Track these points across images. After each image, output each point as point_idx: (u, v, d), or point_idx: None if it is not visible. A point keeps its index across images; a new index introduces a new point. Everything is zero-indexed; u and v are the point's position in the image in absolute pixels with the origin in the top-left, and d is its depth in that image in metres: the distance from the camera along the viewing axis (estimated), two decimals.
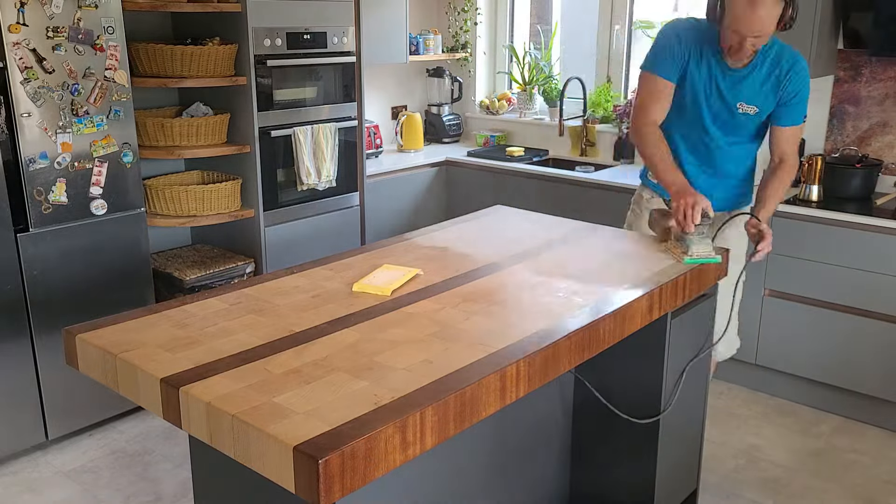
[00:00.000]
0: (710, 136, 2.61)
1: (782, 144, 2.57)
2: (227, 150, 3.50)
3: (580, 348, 1.81)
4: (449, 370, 1.57)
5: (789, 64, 2.46)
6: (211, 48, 3.34)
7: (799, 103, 2.50)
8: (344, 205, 3.97)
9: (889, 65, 3.47)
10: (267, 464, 1.35)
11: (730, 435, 3.25)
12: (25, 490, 2.87)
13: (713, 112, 2.56)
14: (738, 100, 2.52)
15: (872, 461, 3.06)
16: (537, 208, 3.01)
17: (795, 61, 2.48)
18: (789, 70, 2.46)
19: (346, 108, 3.88)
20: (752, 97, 2.51)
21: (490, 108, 4.97)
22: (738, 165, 2.68)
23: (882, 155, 3.54)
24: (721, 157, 2.64)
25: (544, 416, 2.42)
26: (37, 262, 2.92)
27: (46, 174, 2.88)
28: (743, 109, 2.53)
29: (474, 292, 2.02)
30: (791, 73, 2.46)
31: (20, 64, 2.74)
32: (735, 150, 2.64)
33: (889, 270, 3.10)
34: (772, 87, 2.49)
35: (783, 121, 2.53)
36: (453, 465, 2.08)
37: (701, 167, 2.66)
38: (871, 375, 3.23)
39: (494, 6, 5.02)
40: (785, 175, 2.57)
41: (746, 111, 2.53)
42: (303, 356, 1.63)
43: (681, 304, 2.23)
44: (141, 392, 1.61)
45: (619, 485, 2.47)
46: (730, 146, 2.63)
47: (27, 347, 2.97)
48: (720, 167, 2.66)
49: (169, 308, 1.91)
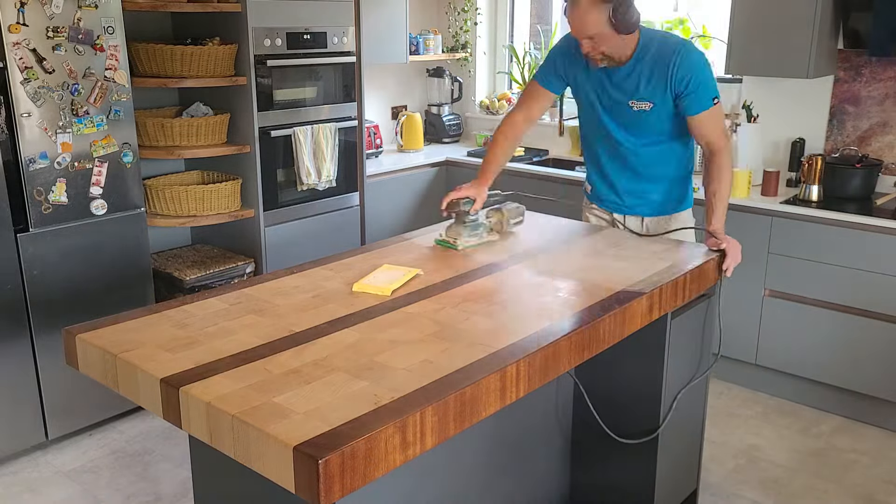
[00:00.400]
0: (619, 141, 2.61)
1: (701, 131, 2.49)
2: (227, 150, 3.50)
3: (580, 348, 1.81)
4: (449, 370, 1.57)
5: (671, 54, 2.42)
6: (211, 48, 3.34)
7: (696, 90, 2.43)
8: (344, 205, 3.97)
9: (889, 65, 3.47)
10: (267, 464, 1.35)
11: (730, 435, 3.25)
12: (25, 490, 2.87)
13: (611, 115, 2.58)
14: (628, 97, 2.52)
15: (872, 461, 3.06)
16: (537, 208, 3.01)
17: (676, 50, 2.43)
18: (672, 60, 2.42)
19: (346, 108, 3.88)
20: (642, 93, 2.49)
21: (490, 108, 4.97)
22: (665, 166, 2.63)
23: (882, 155, 3.54)
24: (638, 160, 2.62)
25: (544, 416, 2.42)
26: (37, 262, 2.92)
27: (46, 174, 2.88)
28: (637, 106, 2.51)
29: (474, 292, 2.02)
30: (675, 62, 2.42)
31: (20, 64, 2.74)
32: (652, 151, 2.61)
33: (889, 270, 3.10)
34: (659, 80, 2.45)
35: (690, 110, 2.47)
36: (453, 465, 2.08)
37: (623, 172, 2.67)
38: (871, 375, 3.23)
39: (494, 6, 5.02)
40: (720, 163, 2.46)
41: (641, 107, 2.51)
42: (303, 356, 1.63)
43: (681, 304, 2.23)
44: (141, 392, 1.61)
45: (619, 485, 2.47)
46: (644, 147, 2.60)
47: (27, 347, 2.97)
48: (643, 171, 2.64)
49: (169, 308, 1.90)
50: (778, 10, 3.39)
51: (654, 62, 2.45)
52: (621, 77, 2.50)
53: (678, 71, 2.42)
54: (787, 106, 3.75)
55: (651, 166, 2.63)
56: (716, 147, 2.48)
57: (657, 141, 2.58)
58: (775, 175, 3.45)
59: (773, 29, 3.42)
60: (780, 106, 3.76)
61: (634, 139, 2.59)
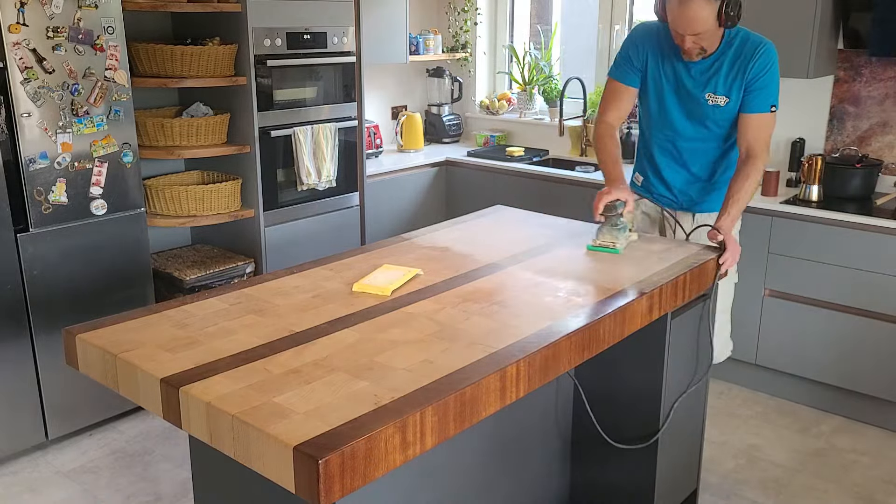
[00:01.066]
0: (681, 134, 2.62)
1: (747, 134, 2.50)
2: (227, 150, 3.50)
3: (580, 348, 1.81)
4: (449, 370, 1.57)
5: (753, 49, 2.45)
6: (211, 48, 3.34)
7: (763, 88, 2.46)
8: (344, 205, 3.97)
9: (889, 65, 3.47)
10: (267, 464, 1.35)
11: (730, 435, 3.25)
12: (25, 490, 2.87)
13: (684, 107, 2.58)
14: (705, 91, 2.52)
15: (872, 461, 3.06)
16: (537, 208, 3.01)
17: (759, 46, 2.46)
18: (753, 55, 2.45)
19: (346, 108, 3.88)
20: (720, 87, 2.50)
21: (490, 108, 4.97)
22: (716, 164, 2.66)
23: (882, 155, 3.54)
24: (693, 155, 2.65)
25: (544, 416, 2.42)
26: (37, 262, 2.92)
27: (46, 174, 2.88)
28: (712, 101, 2.52)
29: (474, 292, 2.02)
30: (754, 57, 2.44)
31: (20, 64, 2.74)
32: (708, 147, 2.63)
33: (889, 270, 3.10)
34: (737, 74, 2.47)
35: (747, 108, 2.49)
36: (453, 465, 2.08)
37: (674, 167, 2.68)
38: (872, 375, 3.23)
39: (494, 6, 5.02)
40: (750, 170, 2.46)
41: (716, 102, 2.52)
42: (303, 356, 1.63)
43: (681, 305, 2.23)
44: (141, 392, 1.61)
45: (619, 485, 2.47)
46: (703, 143, 2.62)
47: (27, 347, 2.97)
48: (694, 166, 2.66)
49: (169, 308, 1.90)
50: (778, 10, 3.38)
51: (737, 55, 2.46)
52: (701, 69, 2.50)
53: (755, 65, 2.44)
54: (787, 106, 3.73)
55: (703, 162, 2.64)
56: (753, 153, 2.48)
57: (715, 138, 2.60)
58: (775, 175, 3.45)
59: (773, 29, 3.40)
60: (781, 106, 3.75)
61: (698, 132, 2.60)
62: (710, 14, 2.33)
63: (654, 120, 2.67)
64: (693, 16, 2.33)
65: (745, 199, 2.45)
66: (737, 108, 2.51)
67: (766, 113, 2.48)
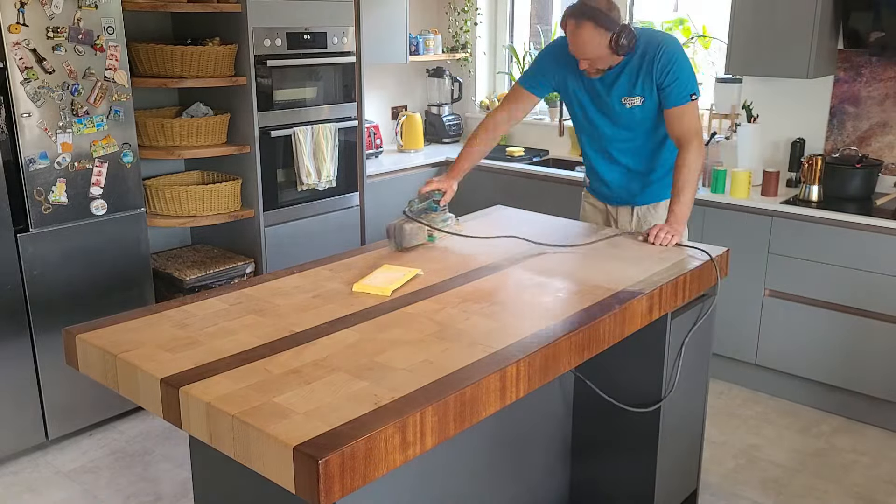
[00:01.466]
0: (609, 138, 2.71)
1: (674, 127, 2.56)
2: (227, 151, 3.50)
3: (580, 348, 1.81)
4: (449, 370, 1.57)
5: (654, 50, 2.52)
6: (211, 48, 3.34)
7: (674, 83, 2.52)
8: (344, 205, 3.97)
9: (889, 65, 3.47)
10: (267, 464, 1.35)
11: (730, 435, 3.25)
12: (25, 490, 2.87)
13: (606, 115, 2.66)
14: (619, 96, 2.60)
15: (872, 461, 3.06)
16: (537, 208, 3.01)
17: (658, 44, 2.53)
18: (655, 56, 2.51)
19: (346, 108, 3.88)
20: (633, 89, 2.57)
21: (490, 109, 4.97)
22: (654, 160, 2.72)
23: (882, 155, 3.54)
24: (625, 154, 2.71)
25: (544, 415, 2.42)
26: (37, 262, 2.92)
27: (46, 174, 2.88)
28: (629, 104, 2.59)
29: (474, 292, 2.02)
30: (656, 58, 2.51)
31: (20, 64, 2.74)
32: (638, 145, 2.69)
33: (889, 270, 3.10)
34: (645, 75, 2.54)
35: (667, 103, 2.55)
36: (453, 465, 2.08)
37: (613, 167, 2.77)
38: (871, 375, 3.23)
39: (494, 6, 5.02)
40: (687, 157, 2.51)
41: (633, 103, 2.59)
42: (303, 356, 1.63)
43: (681, 305, 2.23)
44: (141, 392, 1.61)
45: (619, 484, 2.47)
46: (632, 142, 2.69)
47: (27, 347, 2.97)
48: (633, 165, 2.73)
49: (169, 308, 1.91)
50: (778, 10, 3.39)
51: (642, 58, 2.54)
52: (612, 78, 2.59)
53: (659, 63, 2.51)
54: (787, 106, 3.75)
55: (641, 161, 2.72)
56: (686, 141, 2.54)
57: (644, 136, 2.66)
58: (775, 175, 3.45)
59: (773, 29, 3.42)
60: (780, 106, 3.76)
61: (626, 135, 2.67)
62: (600, 42, 2.43)
63: (584, 128, 2.78)
64: (583, 42, 2.44)
65: (692, 183, 2.53)
66: (656, 104, 2.58)
67: (687, 103, 2.54)
